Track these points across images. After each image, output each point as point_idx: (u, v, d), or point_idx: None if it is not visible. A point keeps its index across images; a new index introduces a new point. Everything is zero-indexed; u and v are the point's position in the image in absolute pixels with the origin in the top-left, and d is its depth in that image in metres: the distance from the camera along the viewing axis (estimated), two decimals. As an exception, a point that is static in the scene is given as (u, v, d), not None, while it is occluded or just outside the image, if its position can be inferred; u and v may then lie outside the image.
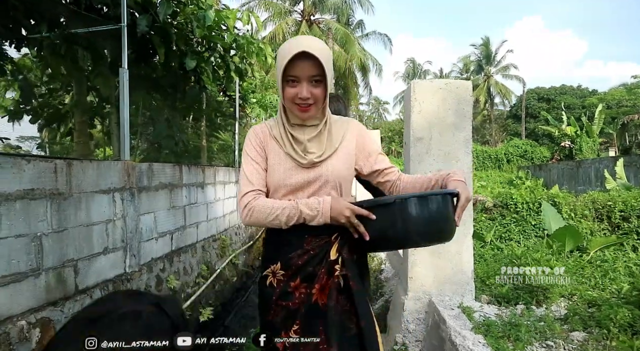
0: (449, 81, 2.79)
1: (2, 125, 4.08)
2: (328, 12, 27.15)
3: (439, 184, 1.35)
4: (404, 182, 1.43)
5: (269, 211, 1.28)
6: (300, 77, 1.26)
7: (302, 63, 1.23)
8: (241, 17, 5.21)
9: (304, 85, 1.26)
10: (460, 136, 2.75)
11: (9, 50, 2.94)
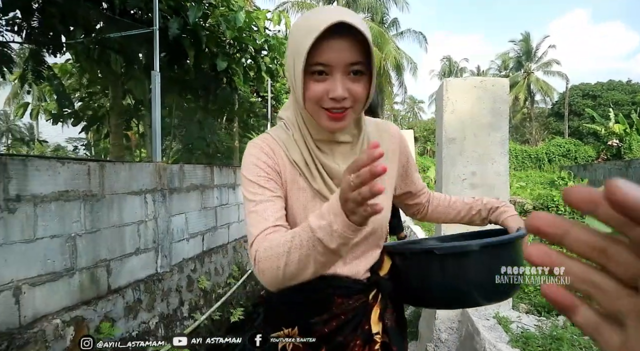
0: (483, 79, 2.65)
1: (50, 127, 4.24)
2: (362, 11, 26.99)
3: (483, 215, 1.09)
4: (434, 205, 1.15)
5: (276, 255, 0.74)
6: (334, 65, 0.78)
7: (335, 44, 0.76)
8: (272, 17, 5.22)
9: (337, 79, 0.79)
10: (496, 136, 2.61)
11: (47, 57, 3.06)
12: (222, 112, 5.53)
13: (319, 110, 0.83)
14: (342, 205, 0.64)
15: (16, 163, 2.18)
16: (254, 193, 0.85)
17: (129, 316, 2.91)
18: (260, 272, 0.78)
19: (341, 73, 0.79)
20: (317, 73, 0.79)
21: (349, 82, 0.80)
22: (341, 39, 0.76)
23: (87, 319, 2.53)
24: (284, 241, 0.74)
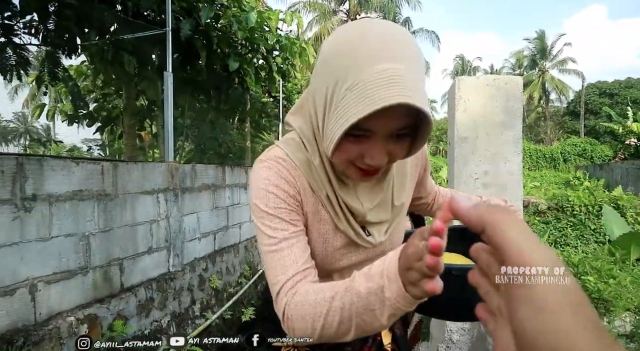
0: (496, 77, 2.62)
1: (66, 128, 4.31)
2: (374, 10, 26.95)
3: None
4: (439, 203, 1.10)
5: (312, 316, 0.66)
6: (378, 131, 0.66)
7: (387, 111, 0.60)
8: (284, 17, 5.23)
9: (378, 144, 0.67)
10: (509, 135, 2.58)
11: (63, 59, 3.12)
12: (234, 112, 5.57)
13: (349, 165, 0.70)
14: (402, 274, 0.55)
15: (32, 163, 2.22)
16: (274, 228, 0.73)
17: (142, 314, 2.94)
18: (290, 329, 0.69)
19: (384, 138, 0.66)
20: (356, 135, 0.65)
21: (391, 144, 0.68)
22: (395, 107, 0.59)
23: (100, 317, 2.56)
24: (322, 299, 0.65)
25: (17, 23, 2.52)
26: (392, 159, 0.71)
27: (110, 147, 7.11)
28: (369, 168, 0.70)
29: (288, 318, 0.68)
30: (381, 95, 0.59)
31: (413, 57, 0.63)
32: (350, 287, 0.62)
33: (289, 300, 0.69)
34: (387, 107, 0.58)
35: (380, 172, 0.73)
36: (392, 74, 0.59)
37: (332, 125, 0.64)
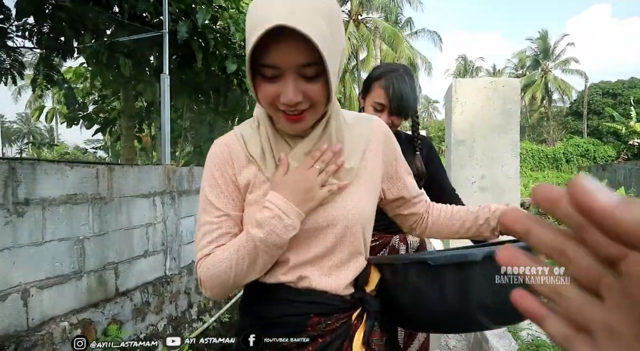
0: (494, 79, 2.60)
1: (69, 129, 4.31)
2: (376, 10, 26.94)
3: (492, 224, 0.93)
4: (435, 216, 1.00)
5: (221, 272, 0.79)
6: (283, 67, 0.71)
7: (283, 44, 0.68)
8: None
9: (289, 82, 0.71)
10: (506, 138, 2.56)
11: (58, 62, 3.11)
12: (233, 114, 5.56)
13: (276, 111, 0.76)
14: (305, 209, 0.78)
15: (25, 168, 2.21)
16: (204, 208, 0.84)
17: (137, 318, 2.93)
18: (206, 290, 0.82)
19: (293, 75, 0.71)
20: (268, 76, 0.73)
21: (303, 83, 0.72)
22: (290, 39, 0.66)
23: (94, 322, 2.55)
24: (229, 254, 0.78)
25: (10, 26, 2.51)
26: (310, 100, 0.74)
27: (112, 147, 7.11)
28: (290, 111, 0.74)
29: (202, 281, 0.81)
30: (264, 15, 0.66)
31: (322, 10, 0.69)
32: (249, 233, 0.77)
33: (202, 264, 0.81)
34: (282, 39, 0.66)
35: (308, 119, 0.77)
36: (277, 9, 0.66)
37: (246, 71, 0.73)
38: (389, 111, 1.42)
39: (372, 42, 25.47)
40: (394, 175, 0.95)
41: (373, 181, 0.90)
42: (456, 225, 0.98)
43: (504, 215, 0.26)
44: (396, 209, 0.99)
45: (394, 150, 0.95)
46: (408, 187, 0.98)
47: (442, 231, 1.01)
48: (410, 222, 1.02)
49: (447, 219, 1.00)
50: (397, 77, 1.41)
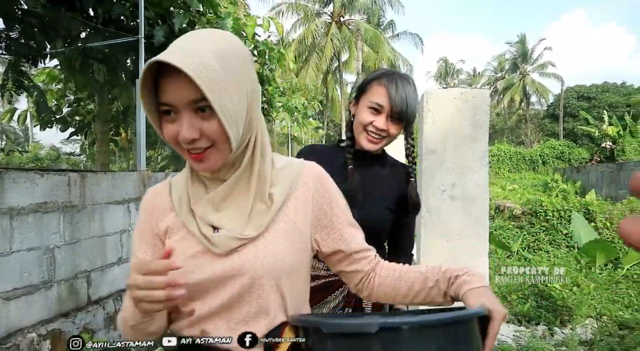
0: (464, 90, 2.66)
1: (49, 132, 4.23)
2: (358, 12, 27.10)
3: (442, 288, 0.82)
4: (382, 276, 0.88)
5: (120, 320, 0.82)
6: (176, 104, 0.71)
7: (173, 80, 0.69)
8: (262, 23, 5.22)
9: (183, 120, 0.71)
10: (476, 148, 2.63)
11: (27, 68, 3.06)
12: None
13: (182, 150, 0.75)
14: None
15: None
16: (132, 253, 0.87)
17: (110, 326, 2.90)
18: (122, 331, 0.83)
19: (188, 112, 0.71)
20: (166, 113, 0.73)
21: (199, 121, 0.71)
22: (179, 75, 0.67)
23: (65, 332, 2.52)
24: (123, 310, 0.80)
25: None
26: (208, 137, 0.72)
27: (89, 149, 6.99)
28: (192, 151, 0.73)
29: (117, 326, 0.84)
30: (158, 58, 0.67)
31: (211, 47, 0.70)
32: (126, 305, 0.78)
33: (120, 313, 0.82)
34: (172, 75, 0.68)
35: (213, 158, 0.74)
36: (178, 46, 0.70)
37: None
38: (389, 114, 1.22)
39: (354, 43, 25.58)
40: (328, 225, 0.86)
41: (297, 229, 0.81)
42: (404, 288, 0.86)
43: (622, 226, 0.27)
44: (337, 265, 0.89)
45: (330, 196, 0.86)
46: (346, 239, 0.87)
47: (389, 294, 0.88)
48: (355, 280, 0.90)
49: (394, 280, 0.87)
50: (400, 79, 1.23)
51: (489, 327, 0.70)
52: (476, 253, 2.60)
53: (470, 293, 0.75)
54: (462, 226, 2.61)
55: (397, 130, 1.25)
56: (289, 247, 0.79)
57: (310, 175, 0.86)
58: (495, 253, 5.17)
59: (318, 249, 0.87)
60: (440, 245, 2.64)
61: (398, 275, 0.87)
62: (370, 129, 1.24)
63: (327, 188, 0.87)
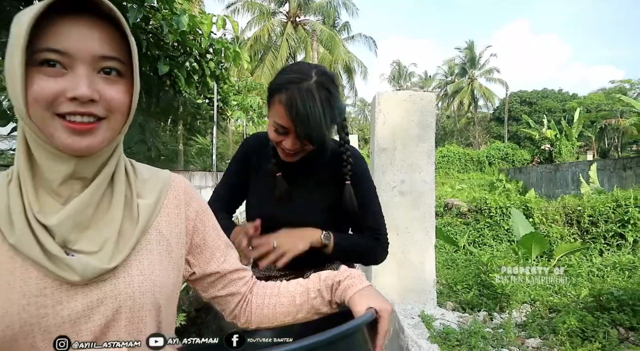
0: (413, 93, 2.84)
1: None
2: (313, 13, 27.31)
3: (326, 297, 0.78)
4: (260, 295, 0.81)
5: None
6: (75, 55, 0.55)
7: (79, 26, 0.56)
8: (216, 21, 5.22)
9: (81, 74, 0.56)
10: (423, 147, 2.81)
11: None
12: (166, 114, 5.46)
13: (53, 119, 0.55)
14: None
15: None
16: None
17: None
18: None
19: (87, 68, 0.56)
20: (48, 64, 0.54)
21: (100, 82, 0.57)
22: (88, 22, 0.55)
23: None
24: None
25: None
26: (108, 104, 0.58)
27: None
28: (77, 111, 0.55)
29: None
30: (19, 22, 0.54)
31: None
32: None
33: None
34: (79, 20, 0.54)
35: (100, 134, 0.58)
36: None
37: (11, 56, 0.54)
38: (295, 135, 1.08)
39: (309, 44, 25.77)
40: (201, 244, 0.76)
41: (170, 249, 0.70)
42: (285, 304, 0.80)
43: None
44: (210, 289, 0.79)
45: (202, 212, 0.77)
46: (220, 259, 0.79)
47: (270, 314, 0.80)
48: (231, 305, 0.81)
49: (274, 297, 0.81)
50: (302, 92, 1.03)
51: (378, 326, 0.70)
52: (424, 246, 2.79)
53: (355, 297, 0.73)
54: (410, 220, 2.78)
55: (310, 144, 1.10)
56: (163, 271, 0.66)
57: (180, 189, 0.74)
58: (444, 248, 5.47)
59: (189, 270, 0.76)
60: (391, 239, 2.79)
61: (277, 291, 0.81)
62: (282, 147, 1.13)
63: (199, 203, 0.77)
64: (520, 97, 38.12)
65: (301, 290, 0.80)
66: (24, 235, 0.56)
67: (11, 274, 0.55)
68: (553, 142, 19.46)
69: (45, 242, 0.56)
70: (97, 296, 0.59)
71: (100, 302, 0.59)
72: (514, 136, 34.03)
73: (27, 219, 0.57)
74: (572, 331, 2.50)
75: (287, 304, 0.79)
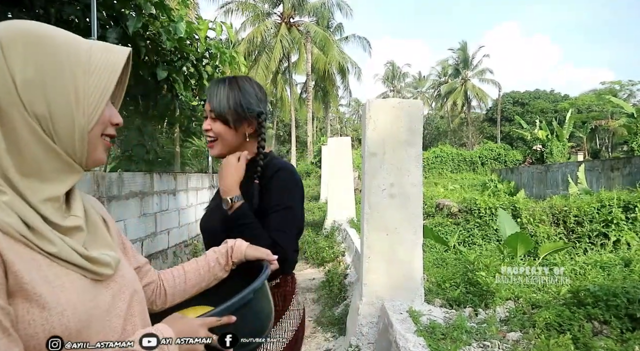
0: (401, 100, 2.99)
1: None
2: (307, 14, 27.42)
3: (222, 262, 1.01)
4: (169, 280, 0.96)
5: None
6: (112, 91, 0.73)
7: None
8: (214, 27, 5.35)
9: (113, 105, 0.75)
10: (411, 151, 2.96)
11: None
12: (162, 118, 5.58)
13: (99, 138, 0.70)
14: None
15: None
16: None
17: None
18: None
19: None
20: None
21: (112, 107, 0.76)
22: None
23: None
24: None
25: None
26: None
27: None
28: (113, 134, 0.74)
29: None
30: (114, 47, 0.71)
31: None
32: None
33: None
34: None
35: None
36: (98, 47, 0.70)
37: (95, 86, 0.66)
38: (210, 116, 1.32)
39: (303, 45, 25.88)
40: (126, 245, 0.88)
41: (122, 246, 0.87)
42: (194, 279, 0.98)
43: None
44: None
45: (111, 219, 0.85)
46: (136, 253, 0.92)
47: (182, 290, 0.97)
48: (148, 293, 0.92)
49: (182, 276, 0.97)
50: (216, 84, 1.32)
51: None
52: (412, 245, 2.94)
53: (249, 250, 1.03)
54: (399, 221, 2.93)
55: (221, 127, 1.29)
56: (129, 264, 0.84)
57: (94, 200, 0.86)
58: (434, 247, 5.62)
59: None
60: (381, 238, 2.96)
61: (183, 271, 0.98)
62: (205, 135, 1.36)
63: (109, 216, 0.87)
64: (513, 97, 38.49)
65: (202, 263, 1.00)
66: (61, 244, 0.63)
67: (58, 278, 0.62)
68: (545, 142, 19.72)
69: (76, 247, 0.65)
70: (118, 285, 0.72)
71: (119, 290, 0.71)
72: (506, 136, 34.38)
73: (49, 231, 0.63)
74: (549, 325, 2.66)
75: (194, 278, 0.98)
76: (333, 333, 3.60)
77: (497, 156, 24.20)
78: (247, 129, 1.32)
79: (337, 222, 7.67)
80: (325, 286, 4.59)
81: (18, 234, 0.59)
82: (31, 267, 0.59)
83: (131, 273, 0.78)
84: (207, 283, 1.00)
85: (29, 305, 0.58)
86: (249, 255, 1.02)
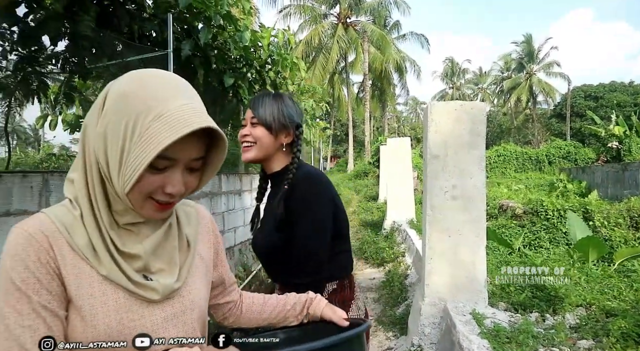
0: (463, 103, 2.98)
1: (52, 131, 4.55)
2: (364, 14, 27.41)
3: (297, 309, 1.03)
4: (247, 304, 1.04)
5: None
6: (179, 160, 0.72)
7: (188, 139, 0.68)
8: (276, 34, 5.58)
9: (179, 173, 0.72)
10: (474, 154, 2.94)
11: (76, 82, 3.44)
12: (228, 122, 5.90)
13: (146, 200, 0.72)
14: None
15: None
16: (11, 303, 0.64)
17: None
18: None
19: (182, 168, 0.73)
20: (156, 166, 0.69)
21: (186, 175, 0.74)
22: (195, 134, 0.68)
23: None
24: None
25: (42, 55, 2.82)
26: (186, 192, 0.76)
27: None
28: (168, 200, 0.73)
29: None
30: (189, 121, 0.67)
31: (195, 95, 0.75)
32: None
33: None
34: (191, 134, 0.67)
35: (172, 208, 0.77)
36: (191, 107, 0.70)
37: (136, 155, 0.66)
38: (250, 122, 1.39)
39: (360, 45, 25.87)
40: (218, 264, 0.96)
41: (207, 266, 0.89)
42: (267, 311, 1.03)
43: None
44: (213, 299, 0.98)
45: (218, 235, 0.95)
46: (228, 272, 1.00)
47: (253, 319, 1.03)
48: (224, 310, 1.02)
49: (260, 306, 1.04)
50: (261, 96, 1.42)
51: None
52: (475, 247, 2.93)
53: (327, 308, 1.02)
54: (462, 223, 2.93)
55: (263, 133, 1.36)
56: (205, 286, 0.87)
57: (206, 216, 0.94)
58: (498, 250, 5.47)
59: None
60: (443, 240, 2.97)
61: (263, 301, 1.05)
62: (241, 141, 1.42)
63: (215, 226, 0.96)
64: (585, 91, 35.90)
65: (281, 303, 1.04)
66: (112, 267, 0.71)
67: (104, 295, 0.70)
68: (622, 139, 18.24)
69: (127, 271, 0.71)
70: (172, 310, 0.76)
71: (174, 316, 0.77)
72: (577, 133, 32.14)
73: (110, 252, 0.71)
74: (626, 334, 2.55)
75: (268, 312, 1.03)
76: (394, 332, 3.65)
77: (567, 154, 22.72)
78: (285, 139, 1.41)
79: (397, 222, 7.65)
80: (386, 286, 4.64)
81: (82, 254, 0.70)
82: (84, 282, 0.70)
83: (199, 289, 0.83)
84: (276, 322, 1.03)
85: (75, 314, 0.69)
86: (325, 314, 1.01)
